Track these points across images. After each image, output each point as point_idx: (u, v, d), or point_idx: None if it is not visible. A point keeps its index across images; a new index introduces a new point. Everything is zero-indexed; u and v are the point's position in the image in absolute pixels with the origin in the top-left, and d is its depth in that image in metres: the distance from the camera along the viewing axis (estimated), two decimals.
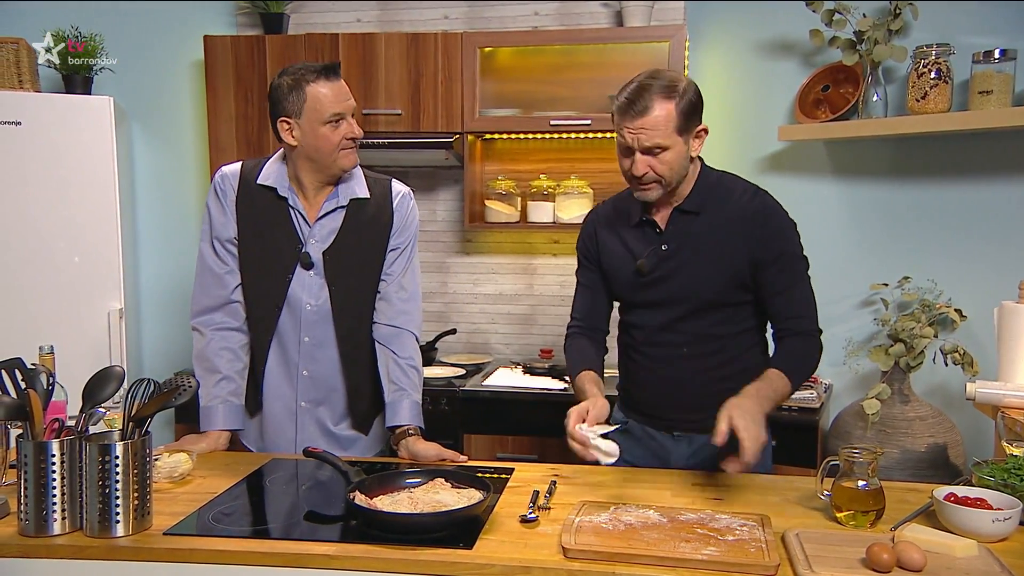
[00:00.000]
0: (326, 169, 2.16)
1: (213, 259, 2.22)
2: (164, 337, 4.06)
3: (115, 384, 1.76)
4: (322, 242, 2.19)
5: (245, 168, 2.23)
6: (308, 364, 2.23)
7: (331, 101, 2.09)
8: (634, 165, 2.02)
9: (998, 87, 2.93)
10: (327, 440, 2.28)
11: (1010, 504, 1.69)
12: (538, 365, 3.57)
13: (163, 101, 4.00)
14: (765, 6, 3.50)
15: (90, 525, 1.67)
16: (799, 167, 3.54)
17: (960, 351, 2.92)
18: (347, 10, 3.84)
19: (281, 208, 2.18)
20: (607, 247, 2.21)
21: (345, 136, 2.11)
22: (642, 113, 1.97)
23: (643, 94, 1.97)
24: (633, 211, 2.16)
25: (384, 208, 2.25)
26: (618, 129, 2.03)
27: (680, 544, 1.58)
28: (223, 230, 2.21)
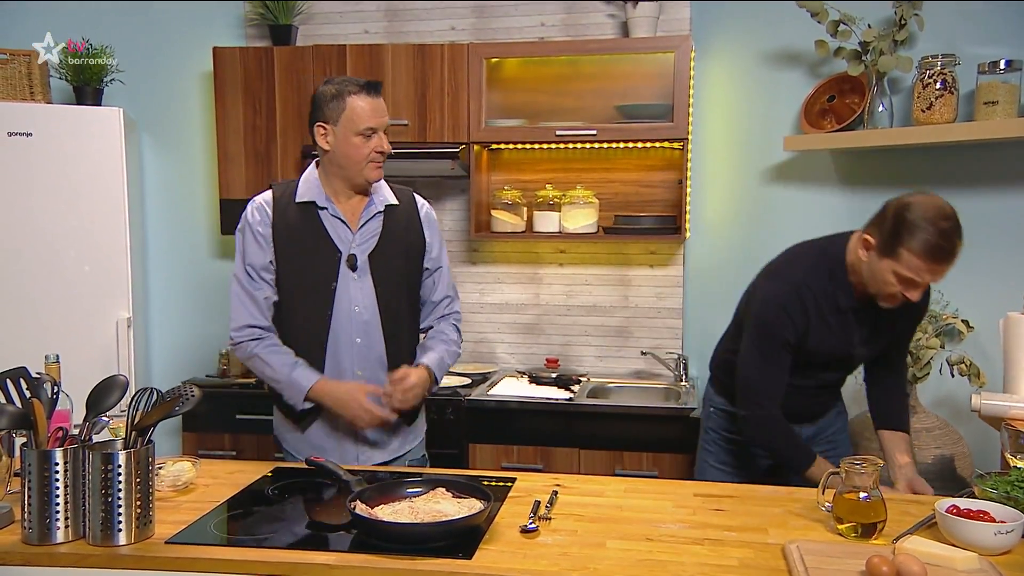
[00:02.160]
0: (353, 177, 2.26)
1: (248, 282, 2.29)
2: (172, 346, 4.08)
3: (119, 393, 1.77)
4: (366, 246, 2.30)
5: (276, 194, 2.33)
6: (361, 365, 2.30)
7: (367, 114, 2.20)
8: (912, 295, 2.11)
9: (1004, 97, 2.93)
10: (377, 434, 2.34)
11: (1013, 517, 1.68)
12: (543, 375, 3.57)
13: (172, 112, 4.03)
14: (770, 17, 3.50)
15: (93, 534, 1.68)
16: (805, 177, 3.53)
17: (967, 362, 2.91)
18: (355, 21, 3.87)
19: (318, 220, 2.27)
20: (817, 331, 2.24)
21: (375, 149, 2.23)
22: (952, 257, 2.05)
23: (957, 241, 2.04)
24: (841, 300, 2.22)
25: (413, 216, 2.39)
26: (912, 267, 2.05)
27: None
28: (255, 258, 2.28)
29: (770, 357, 2.24)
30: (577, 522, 1.80)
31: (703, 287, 3.69)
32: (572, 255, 3.78)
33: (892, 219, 2.07)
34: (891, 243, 2.06)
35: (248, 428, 3.48)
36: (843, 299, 2.21)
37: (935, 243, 2.01)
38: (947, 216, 2.03)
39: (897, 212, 2.06)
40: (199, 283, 4.09)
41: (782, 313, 2.21)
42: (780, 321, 2.21)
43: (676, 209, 3.57)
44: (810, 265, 2.25)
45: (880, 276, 2.10)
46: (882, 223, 2.10)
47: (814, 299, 2.21)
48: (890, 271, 2.08)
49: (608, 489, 2.04)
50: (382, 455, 2.35)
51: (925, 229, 2.01)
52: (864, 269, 2.15)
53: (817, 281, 2.22)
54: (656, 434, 3.19)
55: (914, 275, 2.05)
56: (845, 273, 2.21)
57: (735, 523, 1.81)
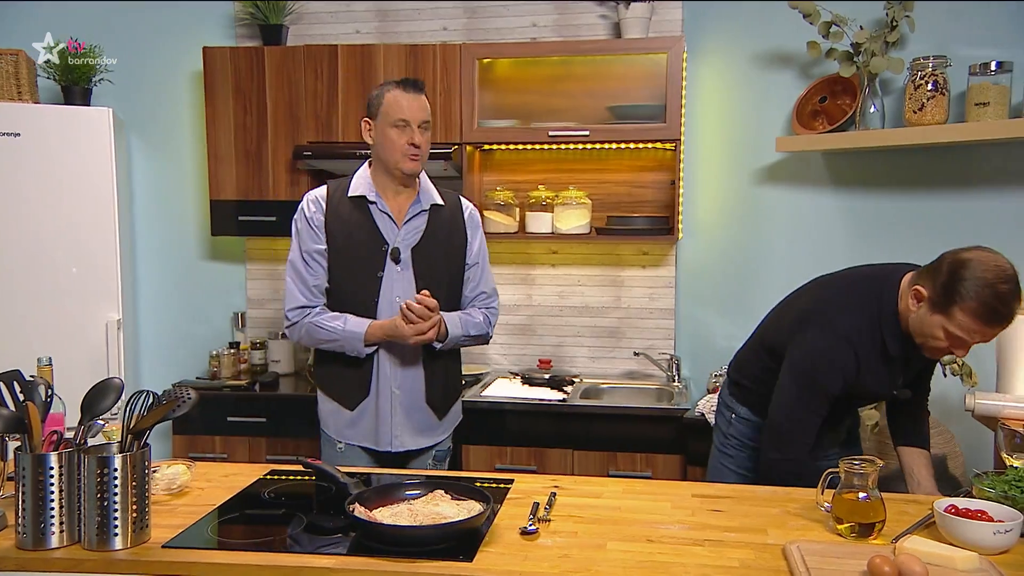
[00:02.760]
0: (391, 169, 2.43)
1: (303, 266, 2.46)
2: (162, 348, 4.05)
3: (114, 396, 1.75)
4: (410, 240, 2.46)
5: (330, 189, 2.50)
6: (399, 353, 2.46)
7: (400, 107, 2.38)
8: (959, 353, 2.06)
9: (995, 99, 2.95)
10: (410, 422, 2.50)
11: (1011, 516, 1.69)
12: (536, 376, 3.56)
13: (161, 112, 4.00)
14: (763, 18, 3.51)
15: (88, 538, 1.66)
16: (797, 178, 3.55)
17: (959, 362, 2.92)
18: (346, 21, 3.85)
19: (368, 214, 2.45)
20: (865, 379, 2.18)
21: (408, 142, 2.38)
22: (1008, 322, 1.98)
23: (1016, 304, 1.96)
24: (890, 347, 2.15)
25: (457, 217, 2.57)
26: (964, 327, 1.98)
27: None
28: (310, 243, 2.46)
29: (811, 407, 2.17)
30: (576, 524, 1.80)
31: (695, 288, 3.70)
32: (564, 256, 3.78)
33: (947, 274, 1.97)
34: (944, 300, 1.97)
35: (239, 431, 3.46)
36: (892, 347, 2.14)
37: (992, 306, 1.92)
38: (1007, 278, 1.93)
39: (953, 268, 1.96)
40: (189, 285, 4.06)
41: (832, 368, 2.13)
42: (829, 375, 2.14)
43: (668, 210, 3.58)
44: (862, 312, 2.15)
45: (929, 331, 2.03)
46: (936, 276, 2.00)
47: (865, 350, 2.13)
48: (940, 327, 2.00)
49: (606, 490, 2.03)
50: (413, 442, 2.52)
51: (982, 291, 1.91)
52: (913, 319, 2.07)
53: (869, 331, 2.14)
54: (650, 435, 3.19)
55: (965, 335, 1.98)
56: (897, 323, 2.12)
57: (734, 524, 1.81)
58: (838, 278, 2.35)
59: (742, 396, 2.49)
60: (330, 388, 2.55)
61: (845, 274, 2.36)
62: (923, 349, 2.12)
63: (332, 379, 2.54)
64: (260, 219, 3.65)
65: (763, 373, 2.39)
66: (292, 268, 2.48)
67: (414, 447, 2.52)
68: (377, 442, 2.49)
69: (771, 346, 2.39)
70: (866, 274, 2.29)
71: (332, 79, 3.55)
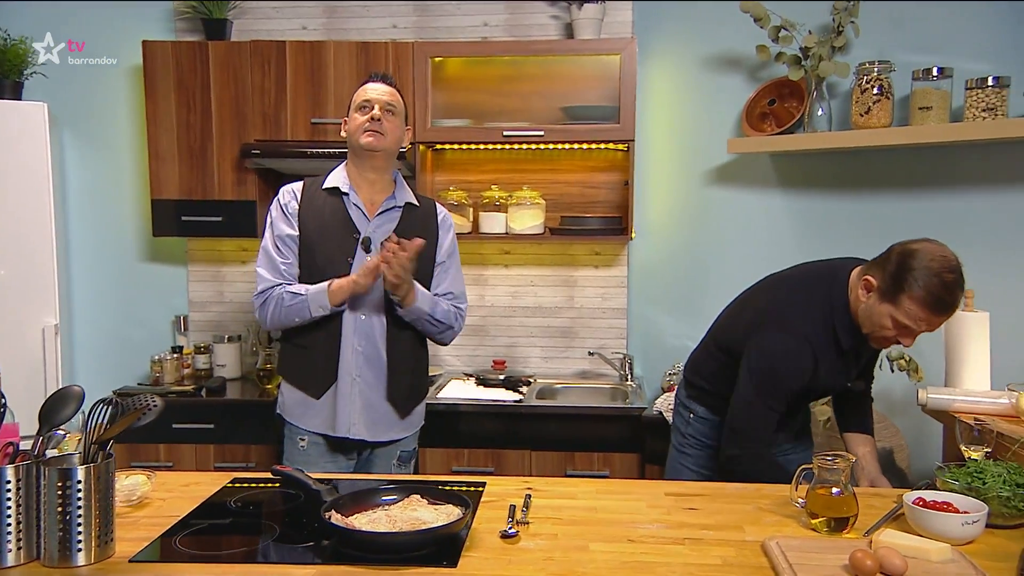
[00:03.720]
0: (355, 150, 2.50)
1: (274, 251, 2.51)
2: (99, 353, 3.89)
3: (75, 405, 1.67)
4: (381, 233, 2.50)
5: (307, 182, 2.58)
6: (361, 340, 2.49)
7: (365, 91, 2.49)
8: (906, 342, 2.14)
9: (937, 103, 3.05)
10: (367, 415, 2.51)
11: (976, 507, 1.74)
12: (491, 376, 3.54)
13: (96, 108, 3.85)
14: (711, 21, 3.56)
15: (49, 555, 1.58)
16: (745, 179, 3.61)
17: (906, 358, 3.02)
18: (292, 17, 3.77)
19: (342, 205, 2.52)
20: (821, 375, 2.23)
21: (370, 117, 2.44)
22: (952, 310, 2.06)
23: (958, 293, 2.04)
24: (843, 341, 2.21)
25: (430, 218, 2.62)
26: (911, 316, 2.05)
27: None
28: (283, 228, 2.52)
29: (770, 404, 2.21)
30: (556, 525, 1.79)
31: (647, 287, 3.74)
32: (517, 256, 3.77)
33: (896, 265, 2.05)
34: (893, 289, 2.04)
35: (186, 438, 3.35)
36: (845, 341, 2.20)
37: (938, 295, 2.00)
38: (952, 268, 2.01)
39: (902, 259, 2.04)
40: (127, 287, 3.91)
41: (792, 368, 2.18)
42: (788, 375, 2.19)
43: (620, 210, 3.60)
44: (816, 309, 2.21)
45: (878, 320, 2.10)
46: (885, 266, 2.08)
47: (821, 347, 2.19)
48: (889, 316, 2.07)
49: (579, 491, 2.03)
50: (370, 433, 2.52)
51: (929, 280, 1.99)
52: (862, 309, 2.14)
53: (823, 326, 2.19)
54: (607, 434, 3.21)
55: (912, 323, 2.05)
56: (848, 315, 2.19)
57: (711, 521, 1.82)
58: (789, 276, 2.41)
59: (699, 396, 2.52)
60: (295, 377, 2.56)
61: (796, 271, 2.41)
62: (871, 339, 2.19)
63: (298, 368, 2.56)
64: (205, 219, 3.54)
65: (719, 372, 2.43)
66: (263, 253, 2.53)
67: (370, 438, 2.52)
68: (334, 427, 2.50)
69: (726, 345, 2.43)
70: (816, 269, 2.35)
71: (280, 76, 3.47)
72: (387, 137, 2.48)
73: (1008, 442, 2.04)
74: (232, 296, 3.88)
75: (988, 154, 3.16)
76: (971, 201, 3.23)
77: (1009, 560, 1.62)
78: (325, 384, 2.50)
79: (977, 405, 2.39)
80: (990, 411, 2.35)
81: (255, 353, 3.74)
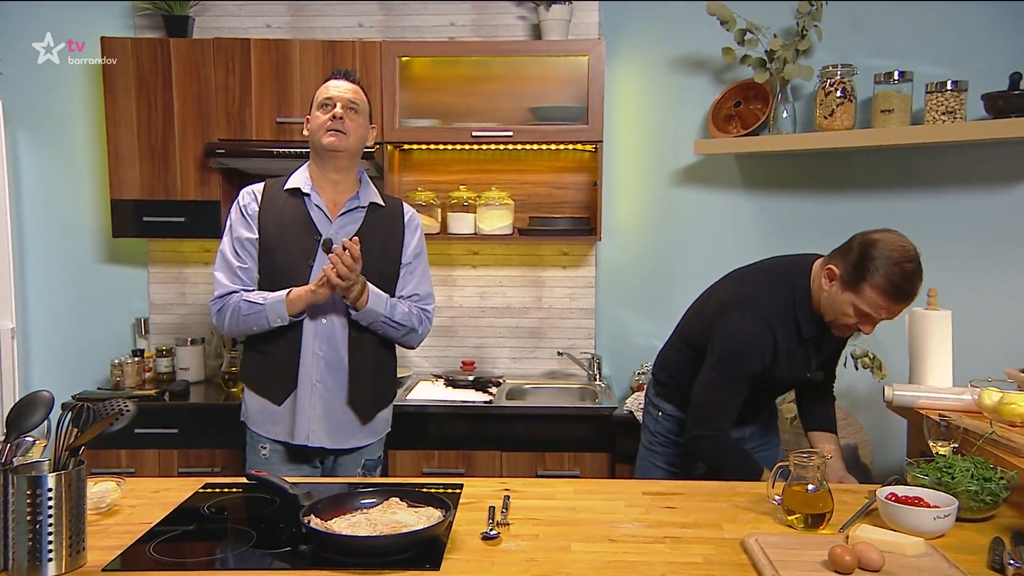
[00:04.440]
0: (317, 150, 2.43)
1: (232, 255, 2.44)
2: (56, 358, 3.79)
3: (44, 411, 1.62)
4: (343, 233, 2.41)
5: (268, 184, 2.51)
6: (321, 345, 2.42)
7: (327, 89, 2.42)
8: (866, 329, 2.19)
9: (898, 106, 3.11)
10: (328, 421, 2.44)
11: (947, 502, 1.78)
12: (460, 377, 3.53)
13: (52, 106, 3.75)
14: (678, 23, 3.59)
15: (17, 565, 1.53)
16: (711, 180, 3.65)
17: (870, 356, 3.07)
18: (255, 15, 3.72)
19: (303, 206, 2.44)
20: (782, 362, 2.28)
21: (332, 116, 2.37)
22: (911, 298, 2.12)
23: (917, 282, 2.10)
24: (804, 329, 2.26)
25: (397, 218, 2.54)
26: (872, 304, 2.11)
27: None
28: (241, 231, 2.44)
29: (732, 387, 2.25)
30: (536, 526, 1.78)
31: (615, 287, 3.75)
32: (485, 257, 3.77)
33: (858, 254, 2.11)
34: (855, 278, 2.10)
35: (148, 443, 3.28)
36: (806, 329, 2.25)
37: (898, 284, 2.06)
38: (911, 258, 2.07)
39: (863, 248, 2.10)
40: (86, 290, 3.82)
41: (752, 348, 2.22)
42: (749, 355, 2.23)
43: (588, 210, 3.61)
44: (778, 296, 2.26)
45: (839, 307, 2.15)
46: (847, 255, 2.14)
47: (782, 332, 2.23)
48: (850, 304, 2.13)
49: (557, 491, 2.03)
50: (330, 440, 2.44)
51: (890, 269, 2.06)
52: (825, 298, 2.19)
53: (785, 313, 2.24)
54: (577, 434, 3.22)
55: (872, 311, 2.11)
56: (809, 304, 2.24)
57: (689, 520, 1.84)
58: (753, 268, 2.46)
59: (667, 394, 2.55)
60: (257, 383, 2.49)
61: (759, 265, 2.47)
62: (833, 327, 2.24)
63: (259, 374, 2.49)
64: (167, 220, 3.47)
65: (685, 368, 2.46)
66: (221, 257, 2.46)
67: (330, 445, 2.45)
68: (293, 435, 2.43)
69: (691, 340, 2.46)
70: (779, 262, 2.41)
71: (245, 74, 3.42)
72: (350, 136, 2.40)
73: (973, 437, 2.09)
74: (195, 298, 3.81)
75: (947, 156, 3.24)
76: (932, 201, 3.30)
77: (979, 553, 1.66)
78: (286, 390, 2.43)
79: (941, 401, 2.43)
80: (954, 407, 2.39)
81: (219, 356, 3.68)
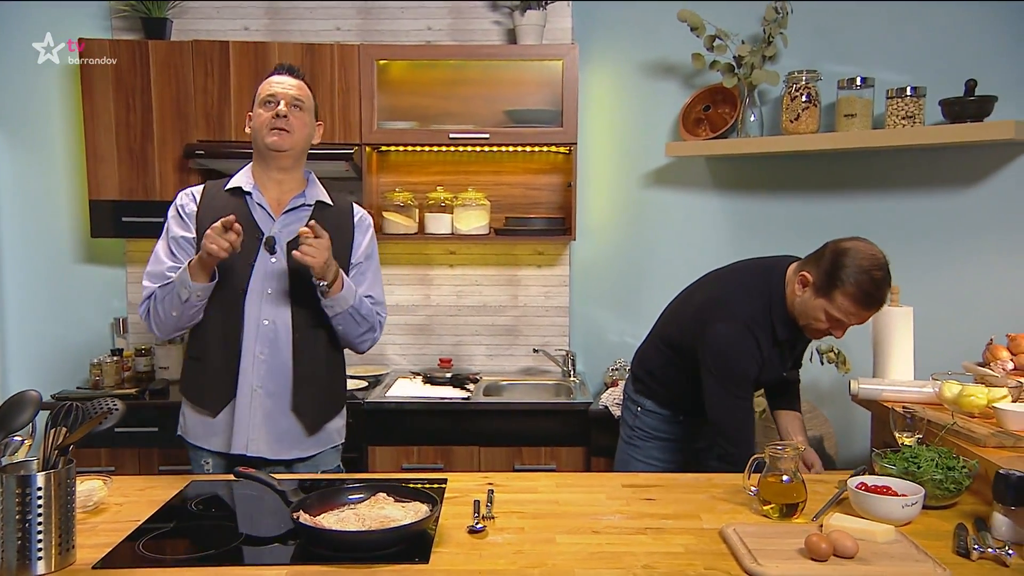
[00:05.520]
0: (261, 149, 2.24)
1: (165, 253, 2.25)
2: (34, 358, 3.72)
3: (32, 410, 1.60)
4: (287, 232, 2.24)
5: (208, 185, 2.35)
6: (264, 348, 2.22)
7: (270, 85, 2.24)
8: (837, 334, 2.23)
9: (860, 110, 3.15)
10: (268, 429, 2.22)
11: (914, 490, 1.81)
12: (438, 374, 3.52)
13: (28, 106, 3.67)
14: (648, 29, 3.62)
15: (6, 564, 1.50)
16: (682, 182, 3.67)
17: (835, 351, 3.12)
18: (233, 17, 3.67)
19: (244, 204, 2.26)
20: (763, 363, 2.30)
21: (275, 114, 2.20)
22: (880, 305, 2.16)
23: (886, 289, 2.13)
24: (779, 332, 2.29)
25: (346, 219, 2.35)
26: (843, 310, 2.14)
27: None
28: (177, 231, 2.27)
29: (739, 394, 2.28)
30: (521, 519, 1.79)
31: (588, 286, 3.77)
32: (462, 256, 3.76)
33: (829, 261, 2.14)
34: (827, 285, 2.14)
35: (128, 442, 3.23)
36: (780, 332, 2.28)
37: (867, 291, 2.10)
38: (880, 266, 2.11)
39: (835, 257, 2.14)
40: (63, 290, 3.75)
41: (743, 353, 2.25)
42: (742, 361, 2.25)
43: (562, 211, 3.62)
44: (755, 300, 2.29)
45: (812, 313, 2.19)
46: (820, 263, 2.17)
47: (761, 335, 2.26)
48: (822, 310, 2.16)
49: (539, 485, 2.03)
50: (270, 450, 2.22)
51: (860, 277, 2.09)
52: (798, 303, 2.22)
53: (762, 316, 2.27)
54: (553, 429, 3.22)
55: (843, 317, 2.15)
56: (784, 308, 2.27)
57: (668, 511, 1.85)
58: (730, 271, 2.48)
59: (645, 390, 2.56)
60: (193, 393, 2.29)
61: (735, 267, 2.48)
62: (805, 331, 2.28)
63: (195, 383, 2.29)
64: (146, 220, 3.41)
65: (664, 366, 2.48)
66: (152, 260, 2.24)
67: (271, 456, 2.21)
68: (229, 444, 2.21)
69: (670, 340, 2.47)
70: (754, 265, 2.43)
71: (223, 76, 3.38)
72: (294, 135, 2.21)
73: (936, 428, 2.13)
74: None
75: (907, 158, 3.29)
76: (893, 202, 3.35)
77: (944, 538, 1.70)
78: (222, 400, 2.22)
79: (905, 394, 2.48)
80: (916, 400, 2.44)
81: None
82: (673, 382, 2.49)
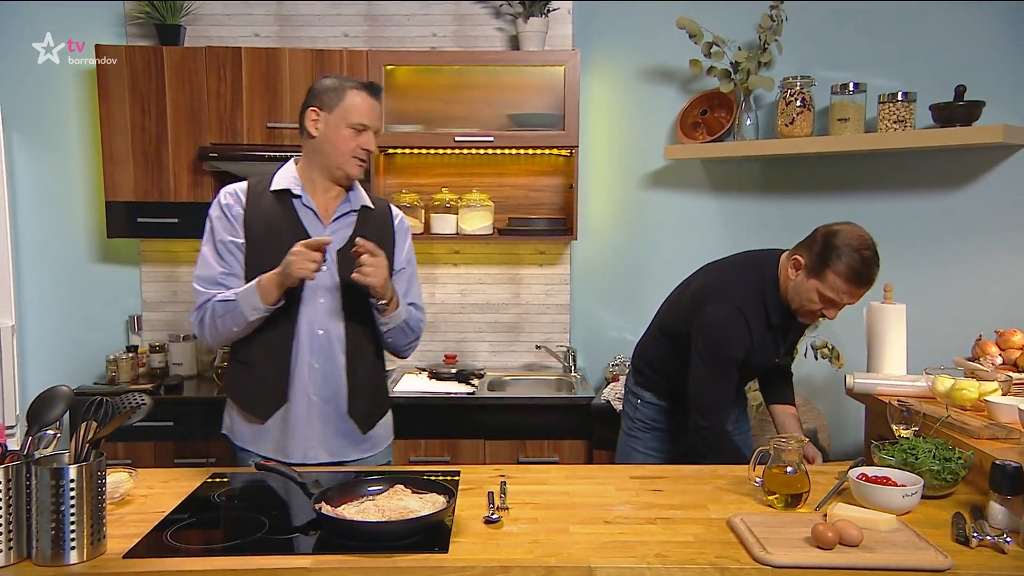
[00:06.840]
0: (333, 168, 2.16)
1: (214, 258, 2.15)
2: (52, 355, 3.71)
3: (64, 405, 1.59)
4: (337, 242, 2.15)
5: (251, 183, 2.22)
6: (319, 358, 2.17)
7: (364, 111, 2.13)
8: (830, 314, 2.24)
9: (853, 115, 3.17)
10: (327, 434, 2.20)
11: (912, 481, 1.82)
12: (444, 370, 3.53)
13: (48, 110, 3.66)
14: (648, 36, 3.63)
15: (41, 554, 1.50)
16: (679, 184, 3.69)
17: (828, 346, 3.13)
18: (244, 24, 3.67)
19: (291, 208, 2.17)
20: (755, 347, 2.32)
21: (361, 145, 2.14)
22: (870, 283, 2.18)
23: (875, 268, 2.16)
24: (772, 316, 2.32)
25: (387, 222, 2.30)
26: (835, 289, 2.17)
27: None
28: (224, 234, 2.15)
29: (723, 375, 2.29)
30: (535, 510, 1.79)
31: (588, 284, 3.78)
32: (466, 256, 3.76)
33: (821, 243, 2.18)
34: (819, 265, 2.17)
35: (144, 436, 3.23)
36: (774, 317, 2.30)
37: (858, 269, 2.13)
38: (868, 246, 2.16)
39: (826, 238, 2.18)
40: (80, 289, 3.74)
41: (732, 335, 2.27)
42: (731, 343, 2.27)
43: (564, 212, 3.63)
44: (749, 286, 2.31)
45: (805, 294, 2.22)
46: (811, 246, 2.21)
47: (754, 320, 2.28)
48: (815, 290, 2.19)
49: (550, 477, 2.04)
50: (329, 456, 2.21)
51: (850, 255, 2.13)
52: (792, 287, 2.25)
53: (755, 301, 2.29)
54: (556, 422, 3.23)
55: (835, 296, 2.17)
56: (777, 293, 2.30)
57: (676, 501, 1.86)
58: (724, 261, 2.51)
59: (645, 382, 2.57)
60: (240, 397, 2.22)
61: (730, 258, 2.52)
62: (799, 314, 2.30)
63: (243, 387, 2.21)
64: (160, 221, 3.42)
65: (663, 357, 2.49)
66: (201, 263, 2.15)
67: (329, 459, 2.20)
68: (287, 453, 2.16)
69: (669, 330, 2.49)
70: (749, 255, 2.47)
71: (236, 81, 3.37)
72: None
73: (931, 421, 2.14)
74: (186, 296, 3.75)
75: (899, 161, 3.30)
76: (885, 203, 3.36)
77: (943, 527, 1.70)
78: (273, 406, 2.17)
79: (899, 388, 2.49)
80: (910, 393, 2.45)
81: (211, 352, 3.63)
82: (673, 374, 2.50)
